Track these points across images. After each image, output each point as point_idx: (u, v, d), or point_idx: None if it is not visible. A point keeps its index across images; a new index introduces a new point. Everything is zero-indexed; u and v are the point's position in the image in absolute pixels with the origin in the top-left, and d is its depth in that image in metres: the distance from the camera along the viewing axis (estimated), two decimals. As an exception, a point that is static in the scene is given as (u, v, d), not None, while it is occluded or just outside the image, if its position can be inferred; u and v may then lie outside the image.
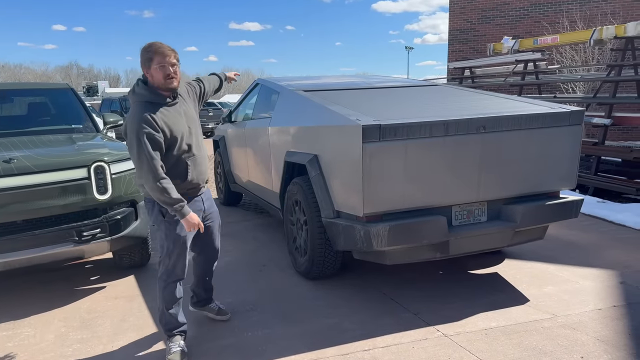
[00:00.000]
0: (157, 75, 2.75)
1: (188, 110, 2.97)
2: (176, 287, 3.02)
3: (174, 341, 3.03)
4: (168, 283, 3.00)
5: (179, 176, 2.86)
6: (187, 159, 2.89)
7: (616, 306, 3.57)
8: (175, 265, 2.97)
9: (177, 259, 2.96)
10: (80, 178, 3.74)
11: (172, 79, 2.78)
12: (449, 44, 15.71)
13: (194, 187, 2.98)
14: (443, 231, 3.47)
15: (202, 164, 2.99)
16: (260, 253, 4.95)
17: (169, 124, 2.79)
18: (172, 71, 2.76)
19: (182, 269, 3.01)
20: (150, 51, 2.74)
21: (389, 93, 4.72)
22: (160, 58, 2.73)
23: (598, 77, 8.39)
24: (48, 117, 5.13)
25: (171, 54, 2.77)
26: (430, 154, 3.40)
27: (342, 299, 3.79)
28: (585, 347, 3.01)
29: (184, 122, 2.88)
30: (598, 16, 12.59)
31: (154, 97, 2.79)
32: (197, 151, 2.95)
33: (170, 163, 2.81)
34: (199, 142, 2.98)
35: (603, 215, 6.06)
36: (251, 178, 5.79)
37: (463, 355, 2.96)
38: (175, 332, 3.07)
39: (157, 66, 2.73)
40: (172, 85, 2.79)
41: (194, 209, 2.91)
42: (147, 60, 2.75)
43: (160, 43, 2.77)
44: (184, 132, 2.86)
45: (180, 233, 2.90)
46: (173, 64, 2.77)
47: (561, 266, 4.38)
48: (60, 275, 4.45)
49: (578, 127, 3.82)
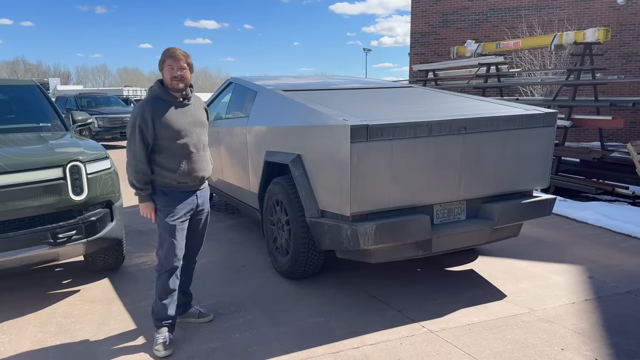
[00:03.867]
0: (166, 76, 3.05)
1: (197, 114, 3.20)
2: (169, 278, 3.12)
3: (160, 332, 3.12)
4: (161, 273, 3.13)
5: (170, 168, 3.06)
6: (183, 155, 3.07)
7: (588, 300, 3.74)
8: (166, 255, 3.10)
9: (168, 249, 3.09)
10: (55, 178, 3.60)
11: (178, 81, 3.04)
12: (411, 46, 16.00)
13: (185, 182, 3.11)
14: (427, 229, 3.54)
15: (198, 162, 3.14)
16: (238, 254, 4.91)
17: (168, 119, 3.03)
18: (178, 74, 3.03)
19: (173, 259, 3.10)
20: (165, 54, 3.06)
21: (367, 94, 4.77)
22: (171, 61, 3.02)
23: (558, 81, 8.75)
24: (13, 114, 4.91)
25: (182, 58, 3.04)
26: (415, 154, 3.47)
27: (326, 298, 3.80)
28: (565, 340, 3.15)
29: (187, 121, 3.10)
30: (555, 22, 13.12)
31: (163, 94, 3.09)
32: (196, 150, 3.12)
33: (165, 154, 3.05)
34: (201, 144, 3.17)
35: (565, 213, 6.33)
36: (225, 178, 5.72)
37: (450, 350, 3.03)
38: (164, 324, 3.15)
39: (168, 67, 3.03)
40: (178, 86, 3.06)
41: (184, 202, 3.12)
42: (161, 62, 3.08)
43: (175, 48, 3.08)
44: (184, 130, 3.07)
45: (169, 222, 3.07)
46: (182, 67, 3.04)
47: (532, 262, 4.55)
48: (31, 279, 4.27)
49: (551, 129, 3.98)
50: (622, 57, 12.80)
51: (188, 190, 3.14)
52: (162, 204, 3.09)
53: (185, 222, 3.15)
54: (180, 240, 3.11)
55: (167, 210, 3.09)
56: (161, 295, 3.13)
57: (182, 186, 3.11)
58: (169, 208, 3.09)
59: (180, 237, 3.12)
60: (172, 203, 3.09)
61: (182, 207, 3.12)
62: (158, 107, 3.05)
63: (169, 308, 3.15)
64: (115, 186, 4.00)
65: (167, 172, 3.05)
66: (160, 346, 3.04)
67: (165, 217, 3.08)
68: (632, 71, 12.74)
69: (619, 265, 4.47)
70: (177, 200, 3.10)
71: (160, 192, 3.10)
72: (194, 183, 3.14)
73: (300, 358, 2.98)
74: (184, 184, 3.10)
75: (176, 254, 3.10)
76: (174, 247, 3.09)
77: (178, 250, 3.11)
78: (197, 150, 3.12)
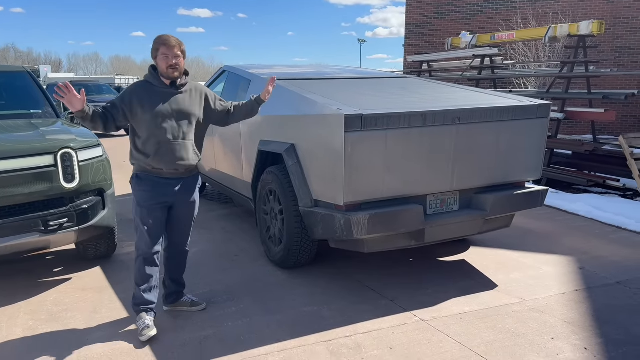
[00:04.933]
0: (161, 64, 3.03)
1: (185, 103, 3.13)
2: (144, 264, 3.16)
3: (140, 318, 3.16)
4: (137, 257, 3.19)
5: (145, 152, 3.06)
6: (159, 141, 3.04)
7: (578, 290, 3.77)
8: (140, 238, 3.16)
9: (140, 235, 3.15)
10: (46, 165, 3.57)
11: (174, 69, 3.03)
12: (406, 37, 15.96)
13: (159, 169, 3.08)
14: (420, 220, 3.55)
15: (176, 151, 3.08)
16: (231, 243, 4.90)
17: (148, 103, 3.02)
18: (174, 62, 3.01)
19: (146, 243, 3.13)
20: (158, 42, 3.04)
21: (361, 84, 4.76)
22: (165, 49, 3.00)
23: (552, 73, 8.76)
24: (3, 101, 4.85)
25: (177, 45, 3.03)
26: (409, 144, 3.47)
27: (319, 288, 3.81)
28: (555, 329, 3.18)
29: (169, 108, 3.06)
30: (550, 14, 13.12)
31: (152, 79, 3.10)
32: (173, 139, 3.07)
33: (143, 138, 3.05)
34: (182, 133, 3.10)
35: (557, 205, 6.37)
36: (218, 167, 5.70)
37: (442, 339, 3.05)
38: (142, 308, 3.19)
39: (162, 56, 3.01)
40: (173, 75, 3.05)
41: (159, 189, 3.10)
42: (154, 50, 3.05)
43: (168, 36, 3.05)
44: (163, 116, 3.03)
45: (139, 204, 3.12)
46: (176, 55, 3.02)
47: (523, 253, 4.58)
48: (21, 267, 4.25)
49: (544, 120, 4.00)
50: (615, 50, 12.83)
51: (164, 177, 3.11)
52: (135, 187, 3.13)
53: (159, 209, 3.13)
54: (153, 227, 3.12)
55: (139, 194, 3.11)
56: (137, 280, 3.18)
57: (157, 172, 3.09)
58: (141, 193, 3.11)
59: (155, 224, 3.12)
60: (145, 188, 3.10)
61: (156, 194, 3.10)
62: (144, 91, 3.06)
63: (146, 294, 3.18)
64: (107, 174, 3.97)
65: (142, 157, 3.06)
66: (142, 331, 3.07)
67: (138, 201, 3.12)
68: (625, 64, 12.79)
69: (609, 256, 4.51)
70: (151, 186, 3.09)
71: (136, 175, 3.13)
72: (169, 171, 3.09)
73: (293, 346, 2.99)
74: (158, 170, 3.08)
75: (149, 240, 3.12)
76: (146, 234, 3.12)
77: (151, 237, 3.13)
78: (174, 139, 3.06)
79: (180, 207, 3.23)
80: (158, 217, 3.14)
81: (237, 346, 2.99)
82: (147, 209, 3.10)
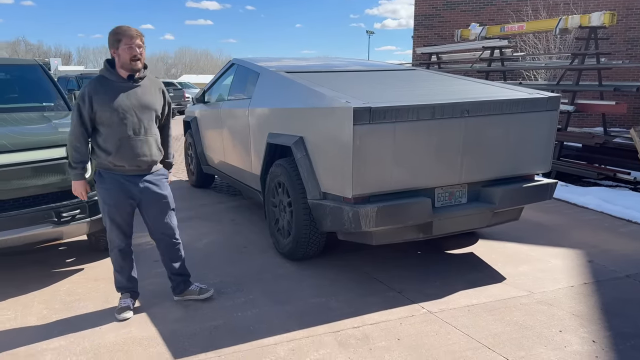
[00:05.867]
0: (125, 56, 2.97)
1: (145, 97, 3.11)
2: (119, 255, 3.26)
3: (121, 298, 3.35)
4: (111, 249, 3.28)
5: (106, 149, 3.04)
6: (120, 137, 3.01)
7: (587, 283, 3.77)
8: (110, 232, 3.21)
9: (110, 227, 3.20)
10: (59, 157, 3.63)
11: (138, 60, 3.00)
12: (414, 29, 15.86)
13: (122, 166, 3.07)
14: (428, 212, 3.56)
15: (137, 147, 3.07)
16: (239, 235, 4.95)
17: (106, 99, 2.98)
18: (138, 52, 2.99)
19: (118, 236, 3.21)
20: (118, 33, 2.98)
21: (370, 76, 4.76)
22: (128, 39, 2.96)
23: (562, 65, 8.69)
24: (16, 94, 4.91)
25: (138, 36, 3.00)
26: (417, 137, 3.47)
27: (327, 279, 3.84)
28: (563, 322, 3.18)
29: (128, 103, 3.03)
30: (561, 5, 12.98)
31: (108, 74, 3.05)
32: (134, 134, 3.05)
33: (103, 135, 3.03)
34: (142, 128, 3.08)
35: (566, 198, 6.35)
36: (227, 160, 5.74)
37: (449, 331, 3.08)
38: (122, 291, 3.37)
39: (125, 47, 2.96)
40: (137, 66, 3.01)
41: (121, 186, 3.09)
42: (115, 41, 2.98)
43: (127, 26, 3.01)
44: (123, 111, 3.00)
45: (104, 202, 3.14)
46: (139, 45, 3.00)
47: (532, 246, 4.58)
48: (35, 258, 4.32)
49: (554, 113, 3.98)
50: (627, 42, 12.68)
51: (127, 174, 3.10)
52: (99, 185, 3.13)
53: (126, 205, 3.14)
54: (120, 222, 3.17)
55: (103, 192, 3.12)
56: (115, 267, 3.32)
57: (119, 169, 3.08)
58: (103, 191, 3.11)
59: (121, 220, 3.16)
60: (108, 186, 3.09)
61: (119, 192, 3.09)
62: (100, 86, 3.01)
63: (125, 279, 3.33)
64: (119, 166, 4.01)
65: (103, 154, 3.04)
66: (121, 311, 3.24)
67: (102, 199, 3.14)
68: (637, 56, 12.64)
69: (619, 250, 4.50)
70: (114, 184, 3.09)
71: (98, 172, 3.13)
72: (131, 167, 3.08)
73: (301, 336, 3.02)
74: (120, 167, 3.07)
75: (118, 235, 3.20)
76: (113, 228, 3.18)
77: (119, 231, 3.19)
78: (135, 134, 3.04)
79: (149, 204, 3.20)
80: (126, 212, 3.17)
81: (246, 336, 3.03)
82: (113, 206, 3.12)
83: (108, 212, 3.15)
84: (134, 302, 3.38)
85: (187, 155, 7.35)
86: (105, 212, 3.17)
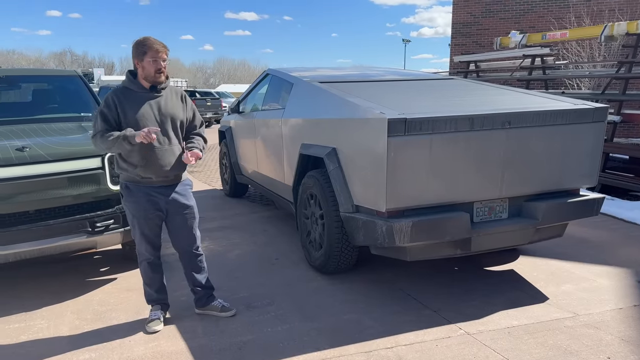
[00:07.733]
0: (149, 69, 2.97)
1: (167, 107, 3.09)
2: (148, 267, 3.25)
3: (151, 310, 3.33)
4: (140, 262, 3.27)
5: (132, 162, 3.01)
6: (145, 148, 2.97)
7: (637, 306, 3.54)
8: (139, 245, 3.20)
9: (139, 240, 3.18)
10: (94, 168, 3.67)
11: (161, 73, 3.01)
12: (452, 37, 15.63)
13: (149, 178, 3.05)
14: (466, 228, 3.42)
15: (164, 157, 3.04)
16: (271, 246, 4.89)
17: (131, 110, 2.97)
18: (162, 66, 3.00)
19: (147, 249, 3.20)
20: (145, 45, 2.96)
21: (405, 86, 4.65)
22: (154, 53, 2.96)
23: (608, 74, 8.34)
24: (55, 104, 5.02)
25: (163, 50, 3.00)
26: (455, 149, 3.34)
27: (360, 295, 3.73)
28: (611, 347, 2.98)
29: (151, 112, 3.03)
30: (605, 12, 12.53)
31: (131, 84, 3.04)
32: (159, 144, 3.02)
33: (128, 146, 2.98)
34: (168, 138, 3.06)
35: (613, 213, 6.03)
36: (260, 170, 5.71)
37: (489, 354, 2.92)
38: (152, 303, 3.35)
39: (150, 60, 2.96)
40: (160, 79, 3.03)
41: (150, 199, 3.07)
42: (141, 53, 2.97)
43: (153, 39, 3.00)
44: (147, 121, 2.98)
45: (133, 215, 3.12)
46: (164, 59, 3.01)
47: (576, 264, 4.35)
48: (70, 266, 4.38)
49: (601, 124, 3.77)
50: (677, 49, 12.11)
51: (155, 186, 3.08)
52: (127, 199, 3.11)
53: (154, 217, 3.11)
54: (149, 235, 3.16)
55: (131, 206, 3.10)
56: (145, 279, 3.31)
57: (147, 181, 3.06)
58: (132, 204, 3.09)
59: (149, 232, 3.15)
60: (136, 199, 3.07)
61: (147, 204, 3.07)
62: (124, 97, 3.00)
63: (154, 291, 3.32)
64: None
65: (130, 167, 3.02)
66: (151, 323, 3.23)
67: (130, 212, 3.13)
68: (688, 64, 12.05)
69: (672, 269, 4.22)
70: (142, 197, 3.06)
71: (125, 185, 3.10)
72: (159, 179, 3.06)
73: (332, 355, 2.92)
74: (148, 179, 3.05)
75: (146, 247, 3.19)
76: (142, 241, 3.18)
77: (148, 244, 3.19)
78: (161, 144, 3.01)
79: (176, 215, 3.19)
80: (155, 224, 3.16)
81: (276, 353, 2.95)
82: (142, 219, 3.11)
83: (138, 225, 3.14)
84: (164, 313, 3.36)
85: (222, 164, 7.39)
86: (134, 225, 3.16)
